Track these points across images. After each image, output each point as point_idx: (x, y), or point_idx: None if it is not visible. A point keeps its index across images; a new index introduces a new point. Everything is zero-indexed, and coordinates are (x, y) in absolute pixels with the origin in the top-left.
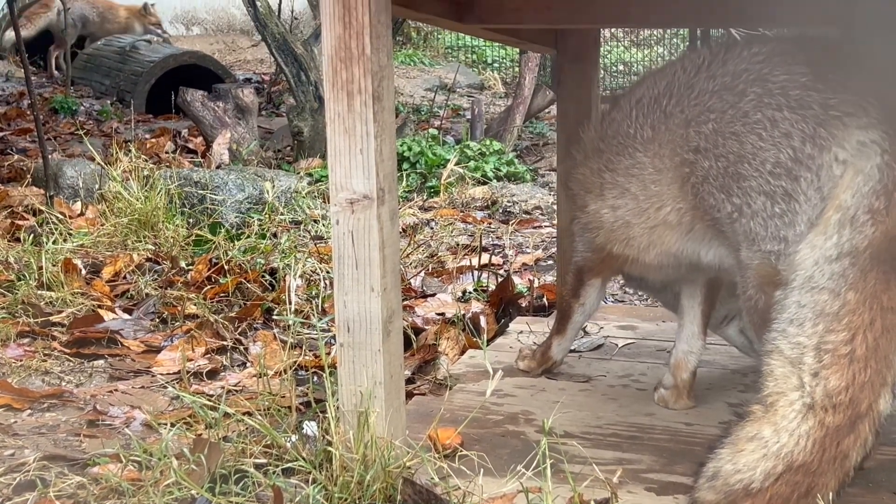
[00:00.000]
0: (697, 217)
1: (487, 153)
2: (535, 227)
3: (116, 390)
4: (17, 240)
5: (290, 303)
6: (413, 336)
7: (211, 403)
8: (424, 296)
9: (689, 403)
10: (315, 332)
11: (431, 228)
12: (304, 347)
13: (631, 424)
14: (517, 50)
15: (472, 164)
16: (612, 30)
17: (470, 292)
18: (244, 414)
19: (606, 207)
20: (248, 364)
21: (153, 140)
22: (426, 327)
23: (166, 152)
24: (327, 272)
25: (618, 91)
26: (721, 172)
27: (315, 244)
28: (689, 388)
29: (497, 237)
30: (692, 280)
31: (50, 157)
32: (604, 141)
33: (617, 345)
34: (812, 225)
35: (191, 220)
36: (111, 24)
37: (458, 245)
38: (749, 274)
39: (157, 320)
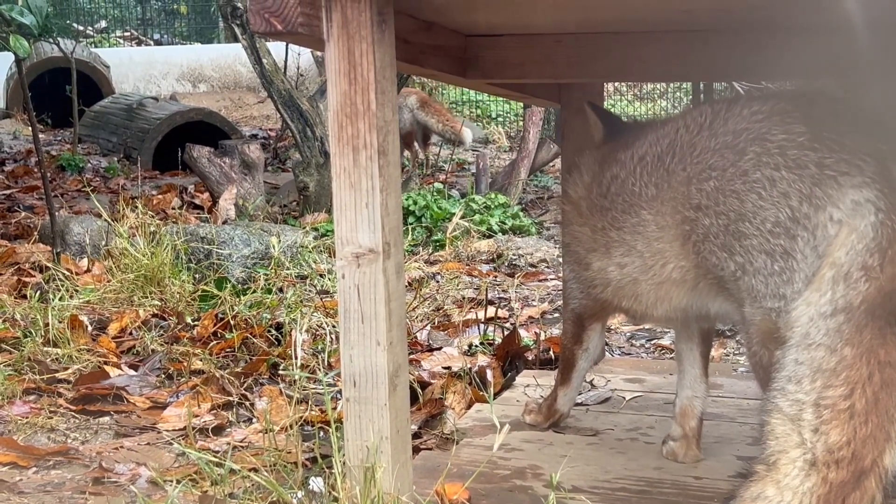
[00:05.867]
0: (701, 275)
1: (493, 206)
2: (540, 280)
3: (122, 447)
4: (24, 297)
5: (295, 357)
6: (419, 390)
7: (217, 460)
8: (430, 349)
9: (699, 455)
10: (321, 386)
11: (437, 282)
12: (310, 402)
13: (640, 479)
14: (521, 104)
15: (477, 217)
16: (616, 84)
17: (476, 346)
18: (250, 470)
19: (613, 265)
20: (254, 419)
21: (160, 196)
22: (432, 381)
23: (173, 208)
24: (333, 326)
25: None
26: (722, 230)
27: (321, 298)
28: (698, 437)
29: (503, 290)
30: (687, 324)
31: (57, 214)
32: (607, 198)
33: (624, 398)
34: (808, 282)
35: (197, 276)
36: None
37: (463, 298)
38: (752, 330)
39: (163, 376)
